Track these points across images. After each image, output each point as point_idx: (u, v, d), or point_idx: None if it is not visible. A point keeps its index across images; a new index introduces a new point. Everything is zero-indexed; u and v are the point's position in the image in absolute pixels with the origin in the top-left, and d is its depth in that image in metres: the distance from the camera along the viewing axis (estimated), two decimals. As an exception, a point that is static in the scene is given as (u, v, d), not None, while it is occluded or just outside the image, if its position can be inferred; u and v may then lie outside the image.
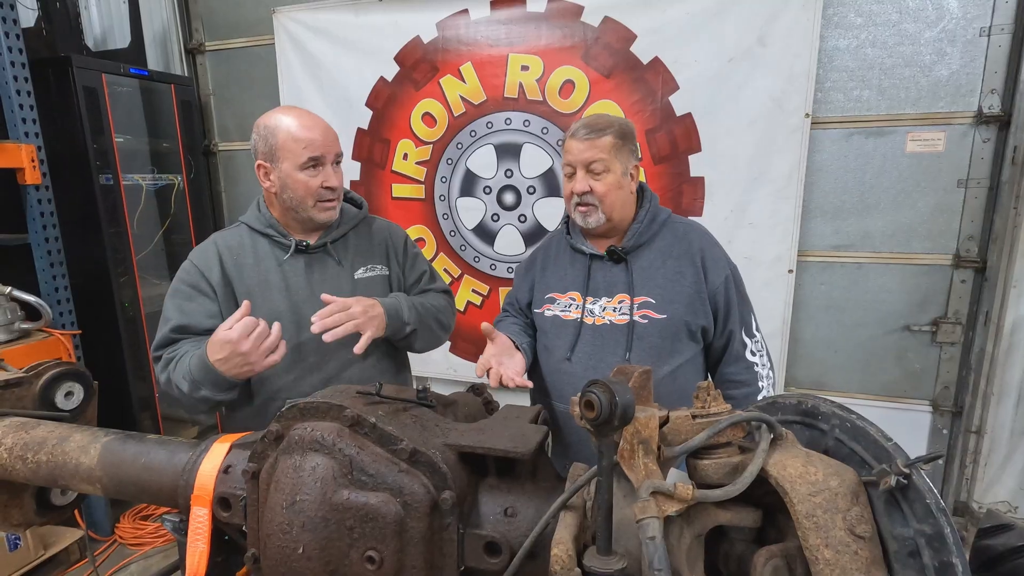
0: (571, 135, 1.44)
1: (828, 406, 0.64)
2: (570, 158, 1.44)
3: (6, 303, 2.37)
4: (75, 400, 1.07)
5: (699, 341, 1.48)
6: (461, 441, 0.69)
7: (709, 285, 1.44)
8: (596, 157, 1.39)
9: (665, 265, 1.46)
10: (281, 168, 1.41)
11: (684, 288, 1.44)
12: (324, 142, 1.41)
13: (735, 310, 1.47)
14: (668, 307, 1.43)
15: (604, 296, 1.48)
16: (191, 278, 1.45)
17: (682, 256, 1.46)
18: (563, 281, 1.55)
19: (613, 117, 1.47)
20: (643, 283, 1.45)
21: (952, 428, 2.59)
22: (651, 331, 1.43)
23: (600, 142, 1.39)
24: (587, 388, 0.54)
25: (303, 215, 1.45)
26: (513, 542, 0.64)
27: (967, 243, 2.42)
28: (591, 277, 1.50)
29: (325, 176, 1.42)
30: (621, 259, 1.47)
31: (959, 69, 2.31)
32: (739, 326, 1.47)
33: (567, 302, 1.52)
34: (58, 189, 2.55)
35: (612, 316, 1.46)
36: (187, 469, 0.80)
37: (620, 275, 1.47)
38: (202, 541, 0.76)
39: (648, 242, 1.48)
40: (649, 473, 0.57)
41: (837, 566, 0.52)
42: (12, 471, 0.89)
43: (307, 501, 0.64)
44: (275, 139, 1.39)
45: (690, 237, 1.49)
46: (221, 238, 1.51)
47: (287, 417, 0.70)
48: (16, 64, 2.33)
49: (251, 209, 1.54)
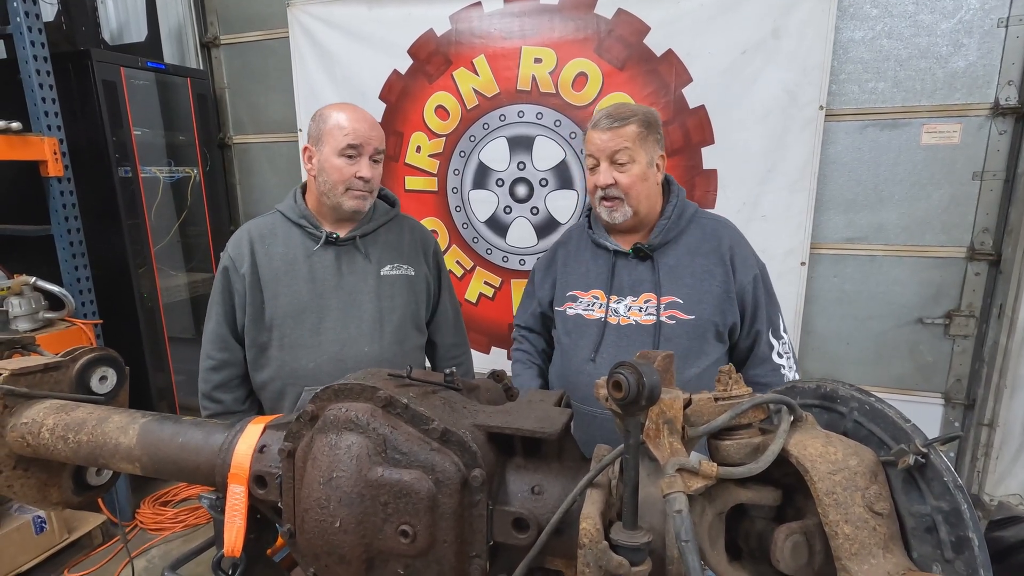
0: (593, 125, 1.39)
1: (847, 389, 0.66)
2: (593, 149, 1.38)
3: (31, 293, 2.42)
4: (109, 384, 1.10)
5: (725, 342, 1.42)
6: (489, 422, 0.71)
7: (737, 284, 1.39)
8: (620, 147, 1.33)
9: (693, 263, 1.40)
10: (322, 152, 1.47)
11: (713, 287, 1.38)
12: (366, 134, 1.47)
13: (763, 310, 1.41)
14: (696, 307, 1.37)
15: (629, 295, 1.42)
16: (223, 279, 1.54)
17: (711, 253, 1.40)
18: (585, 278, 1.49)
19: (637, 105, 1.41)
20: (670, 282, 1.39)
21: (964, 421, 2.59)
22: (679, 332, 1.37)
23: (624, 131, 1.33)
24: (615, 369, 0.57)
25: (333, 201, 1.49)
26: (540, 518, 0.67)
27: (982, 236, 2.41)
28: (615, 275, 1.44)
29: (360, 167, 1.47)
30: (647, 257, 1.41)
31: (976, 60, 2.29)
32: (766, 327, 1.42)
33: (590, 300, 1.46)
34: (79, 181, 2.59)
35: (638, 316, 1.40)
36: (223, 449, 0.83)
37: (646, 273, 1.42)
38: (239, 518, 0.79)
39: (675, 239, 1.42)
40: (674, 451, 0.59)
41: (856, 541, 0.54)
42: (54, 450, 0.92)
43: (343, 477, 0.67)
44: (324, 125, 1.47)
45: (719, 233, 1.44)
46: (255, 225, 1.58)
47: (321, 398, 0.73)
48: (39, 58, 2.38)
49: (287, 199, 1.59)
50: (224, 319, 1.55)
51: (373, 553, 0.68)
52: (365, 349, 1.52)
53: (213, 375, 1.57)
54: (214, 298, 1.56)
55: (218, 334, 1.55)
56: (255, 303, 1.51)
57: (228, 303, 1.54)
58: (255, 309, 1.52)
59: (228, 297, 1.54)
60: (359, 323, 1.52)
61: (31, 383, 0.98)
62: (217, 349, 1.56)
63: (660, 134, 1.40)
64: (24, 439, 0.94)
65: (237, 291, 1.52)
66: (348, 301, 1.52)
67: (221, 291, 1.54)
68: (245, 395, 1.61)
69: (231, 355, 1.56)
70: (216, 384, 1.57)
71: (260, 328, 1.52)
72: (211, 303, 1.57)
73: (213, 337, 1.56)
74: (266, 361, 1.54)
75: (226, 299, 1.54)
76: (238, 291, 1.52)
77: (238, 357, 1.57)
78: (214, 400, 1.58)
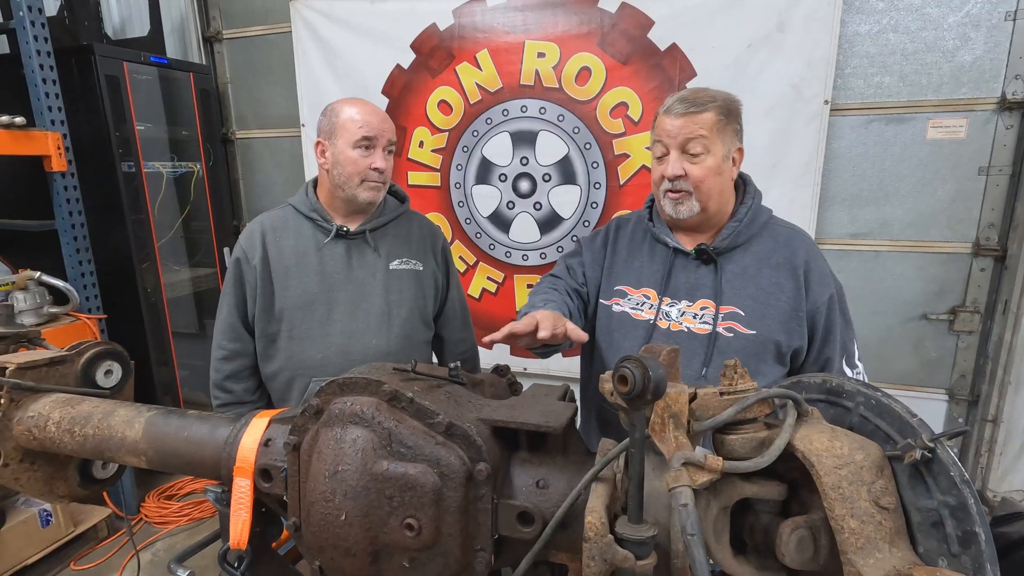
0: (665, 110, 1.24)
1: (853, 384, 0.66)
2: (662, 135, 1.23)
3: (35, 287, 2.44)
4: (114, 378, 1.11)
5: (786, 365, 1.28)
6: (494, 416, 0.71)
7: (810, 303, 1.25)
8: (695, 135, 1.20)
9: (761, 273, 1.26)
10: (336, 145, 1.49)
11: (780, 303, 1.25)
12: (379, 126, 1.49)
13: (836, 334, 1.28)
14: (758, 322, 1.24)
15: (684, 299, 1.29)
16: (235, 271, 1.56)
17: (782, 266, 1.27)
18: (638, 274, 1.35)
19: (716, 91, 1.26)
20: (733, 291, 1.26)
21: (968, 417, 2.58)
22: (735, 347, 1.23)
23: (701, 118, 1.20)
24: (620, 364, 0.57)
25: (348, 193, 1.51)
26: (545, 512, 0.67)
27: (987, 231, 2.40)
28: (672, 275, 1.31)
29: (375, 158, 1.49)
30: (711, 260, 1.28)
31: (983, 54, 2.27)
32: (839, 354, 1.28)
33: (640, 299, 1.33)
34: (83, 176, 2.59)
35: (691, 323, 1.27)
36: (229, 442, 0.83)
37: (706, 278, 1.28)
38: (244, 510, 0.80)
39: (745, 244, 1.29)
40: (680, 445, 0.59)
41: (862, 535, 0.54)
42: (60, 444, 0.93)
43: (349, 471, 0.67)
44: (337, 118, 1.49)
45: (794, 244, 1.30)
46: (267, 218, 1.60)
47: (327, 392, 0.73)
48: (42, 53, 2.37)
49: (299, 193, 1.61)
50: (235, 310, 1.57)
51: (378, 546, 0.68)
52: (373, 342, 1.53)
53: (224, 365, 1.59)
54: (226, 289, 1.58)
55: (229, 324, 1.57)
56: (265, 294, 1.54)
57: (240, 294, 1.56)
58: (265, 300, 1.54)
59: (240, 288, 1.56)
60: (367, 316, 1.54)
61: (37, 377, 0.99)
62: (228, 339, 1.58)
63: (740, 124, 1.26)
64: (30, 432, 0.94)
65: (248, 282, 1.54)
66: (357, 294, 1.54)
67: (233, 282, 1.56)
68: (256, 386, 1.63)
69: (242, 346, 1.59)
70: (227, 374, 1.59)
71: (270, 319, 1.55)
72: (223, 294, 1.59)
73: (224, 327, 1.58)
74: (275, 352, 1.56)
75: (238, 290, 1.56)
76: (249, 282, 1.54)
77: (249, 348, 1.59)
78: (225, 390, 1.60)
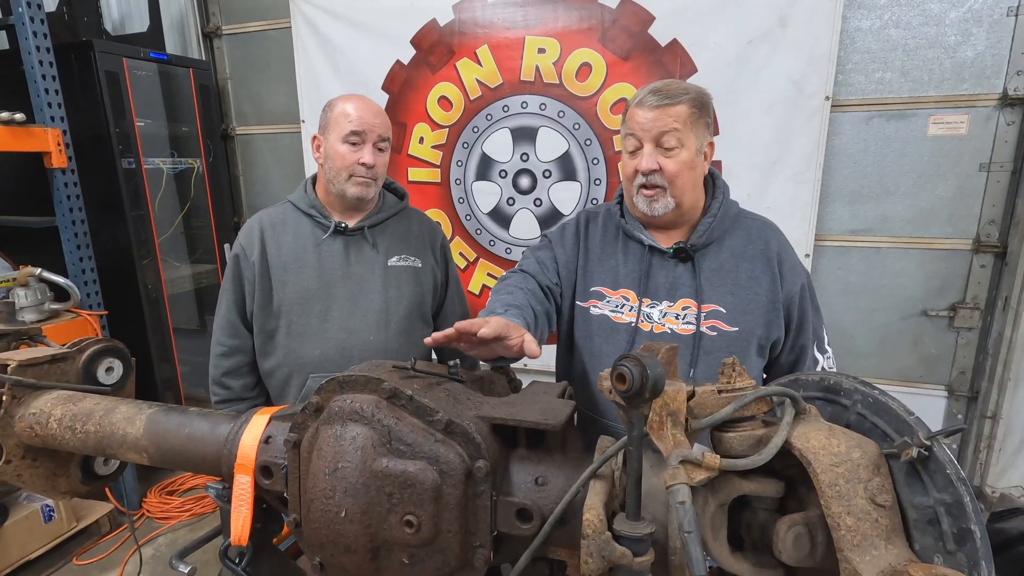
0: (637, 102, 1.20)
1: (850, 382, 0.66)
2: (635, 128, 1.20)
3: (36, 284, 2.44)
4: (115, 375, 1.11)
5: (765, 356, 1.30)
6: (493, 413, 0.72)
7: (785, 293, 1.25)
8: (668, 128, 1.16)
9: (738, 268, 1.26)
10: (328, 139, 1.50)
11: (759, 297, 1.24)
12: (370, 121, 1.49)
13: (809, 322, 1.29)
14: (740, 318, 1.24)
15: (665, 299, 1.27)
16: (234, 267, 1.57)
17: (757, 258, 1.26)
18: (614, 274, 1.31)
19: (688, 83, 1.23)
20: (712, 288, 1.25)
21: (967, 413, 2.58)
22: (720, 345, 1.23)
23: (674, 110, 1.16)
24: (619, 362, 0.57)
25: (337, 188, 1.52)
26: (544, 509, 0.67)
27: (988, 227, 2.40)
28: (650, 276, 1.28)
29: (363, 153, 1.48)
30: (687, 258, 1.26)
31: (984, 50, 2.27)
32: (812, 341, 1.30)
33: (619, 301, 1.30)
34: (83, 172, 2.59)
35: (674, 324, 1.25)
36: (229, 439, 0.84)
37: (685, 276, 1.26)
38: (245, 507, 0.80)
39: (719, 239, 1.28)
40: (677, 443, 0.60)
41: (858, 532, 0.54)
42: (62, 441, 0.93)
43: (348, 468, 0.68)
44: (331, 113, 1.50)
45: (766, 236, 1.30)
46: (266, 214, 1.61)
47: (327, 390, 0.74)
48: (41, 49, 2.37)
49: (298, 190, 1.62)
50: (234, 306, 1.57)
51: (378, 543, 0.69)
52: (371, 338, 1.53)
53: (223, 361, 1.59)
54: (225, 285, 1.59)
55: (228, 320, 1.58)
56: (264, 290, 1.54)
57: (238, 290, 1.57)
58: (263, 296, 1.54)
59: (238, 284, 1.56)
60: (365, 313, 1.54)
61: (38, 374, 0.99)
62: (227, 336, 1.59)
63: (711, 118, 1.22)
64: (32, 429, 0.95)
65: (247, 278, 1.55)
66: (355, 290, 1.54)
67: (232, 279, 1.57)
68: (254, 382, 1.64)
69: (241, 342, 1.59)
70: (226, 370, 1.59)
71: (268, 315, 1.55)
72: (222, 291, 1.60)
73: (223, 324, 1.59)
74: (273, 348, 1.57)
75: (236, 286, 1.57)
76: (248, 278, 1.55)
77: (247, 344, 1.60)
78: (223, 386, 1.61)
